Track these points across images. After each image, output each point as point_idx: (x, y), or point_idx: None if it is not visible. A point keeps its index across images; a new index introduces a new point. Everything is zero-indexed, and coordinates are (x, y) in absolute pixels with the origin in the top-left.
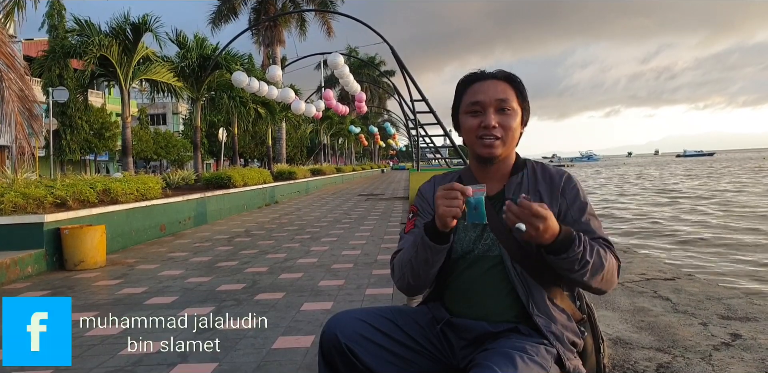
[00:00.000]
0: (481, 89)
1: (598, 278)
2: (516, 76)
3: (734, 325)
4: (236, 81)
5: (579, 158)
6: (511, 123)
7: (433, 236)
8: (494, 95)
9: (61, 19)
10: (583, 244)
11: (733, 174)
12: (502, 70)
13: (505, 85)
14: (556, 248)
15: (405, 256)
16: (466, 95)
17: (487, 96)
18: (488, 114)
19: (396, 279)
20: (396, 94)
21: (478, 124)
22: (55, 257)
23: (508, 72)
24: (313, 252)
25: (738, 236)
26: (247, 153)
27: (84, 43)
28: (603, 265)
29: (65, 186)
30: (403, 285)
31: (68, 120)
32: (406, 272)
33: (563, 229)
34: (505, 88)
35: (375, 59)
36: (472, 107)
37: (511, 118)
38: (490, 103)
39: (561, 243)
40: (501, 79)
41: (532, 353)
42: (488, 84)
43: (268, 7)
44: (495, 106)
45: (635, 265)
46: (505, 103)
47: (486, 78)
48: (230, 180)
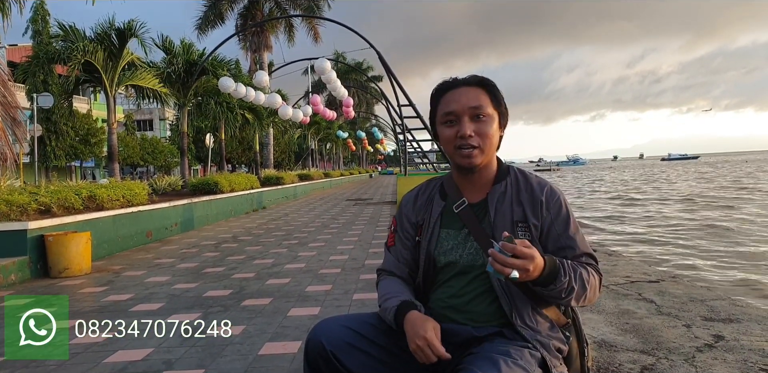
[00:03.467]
0: (453, 98)
1: (581, 299)
2: (489, 80)
3: (717, 326)
4: (223, 86)
5: (565, 162)
6: (487, 130)
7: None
8: (467, 103)
9: (46, 25)
10: (568, 273)
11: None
12: (474, 75)
13: (477, 90)
14: (542, 281)
15: (380, 299)
16: (440, 105)
17: (460, 105)
18: (463, 123)
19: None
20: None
21: (454, 134)
22: (39, 265)
23: (481, 77)
24: (300, 257)
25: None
26: (235, 158)
27: (68, 48)
28: (586, 288)
29: (49, 193)
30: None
31: (53, 126)
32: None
33: (547, 261)
34: (478, 95)
35: (362, 64)
36: (446, 117)
37: (487, 124)
38: (463, 112)
39: (547, 276)
40: (473, 85)
41: (516, 357)
42: (460, 92)
43: (255, 12)
44: (469, 114)
45: (620, 268)
46: (479, 110)
47: (458, 85)
48: (217, 186)
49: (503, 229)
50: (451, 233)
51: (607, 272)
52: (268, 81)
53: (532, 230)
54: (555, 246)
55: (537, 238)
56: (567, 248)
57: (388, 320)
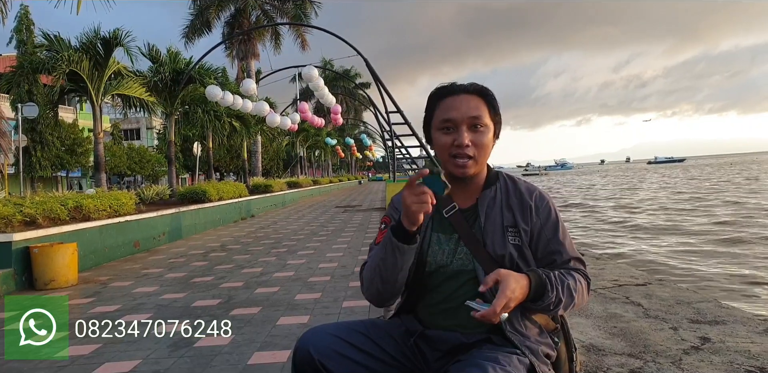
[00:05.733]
0: (453, 105)
1: (569, 308)
2: (488, 90)
3: (704, 329)
4: (210, 95)
5: (553, 167)
6: (484, 140)
7: (401, 236)
8: (467, 112)
9: (30, 34)
10: (555, 287)
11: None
12: (474, 83)
13: (477, 100)
14: (530, 299)
15: (373, 262)
16: (438, 110)
17: (460, 113)
18: (461, 132)
19: (365, 289)
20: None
21: (450, 142)
22: (24, 277)
23: (481, 85)
24: (289, 266)
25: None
26: (223, 167)
27: (53, 58)
28: (573, 297)
29: (35, 204)
30: (372, 293)
31: (38, 136)
32: (374, 278)
33: (532, 278)
34: (478, 104)
35: (350, 72)
36: (444, 124)
37: (483, 135)
38: (462, 121)
39: (534, 294)
40: (473, 94)
41: (504, 363)
42: (460, 99)
43: (242, 20)
44: (468, 124)
45: (607, 271)
46: (477, 121)
47: (458, 92)
48: (205, 194)
49: (493, 234)
50: (442, 237)
51: (595, 276)
52: (255, 89)
53: (522, 234)
54: (544, 251)
55: (527, 242)
56: (556, 252)
57: (395, 246)
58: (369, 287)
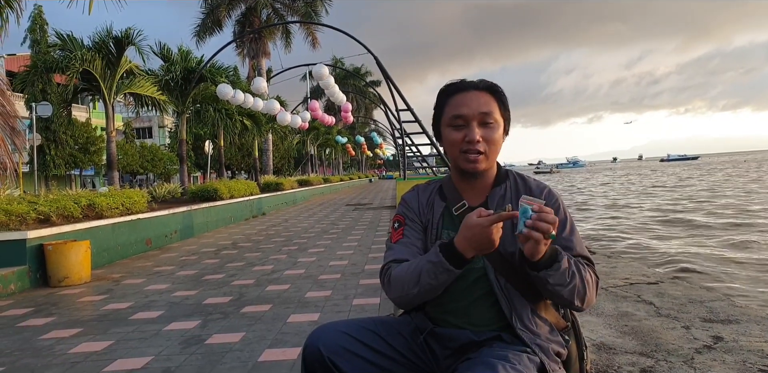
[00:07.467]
0: (464, 102)
1: (583, 297)
2: (498, 86)
3: (716, 328)
4: (221, 93)
5: (565, 164)
6: (494, 136)
7: (456, 262)
8: (477, 108)
9: (44, 34)
10: (569, 260)
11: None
12: (483, 80)
13: (487, 96)
14: (542, 262)
15: (411, 276)
16: (448, 106)
17: (471, 109)
18: (472, 128)
19: (394, 295)
20: (382, 103)
21: (461, 138)
22: (38, 274)
23: (490, 82)
24: (300, 263)
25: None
26: (234, 165)
27: (66, 57)
28: (586, 286)
29: (48, 202)
30: (403, 302)
31: (52, 135)
32: (410, 292)
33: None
34: (488, 100)
35: (361, 70)
36: (455, 121)
37: (494, 131)
38: (473, 117)
39: (548, 259)
40: (483, 90)
41: (514, 362)
42: (471, 96)
43: (253, 19)
44: (478, 120)
45: (619, 270)
46: (488, 117)
47: (468, 89)
48: (217, 192)
49: (503, 231)
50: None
51: (606, 274)
52: (266, 87)
53: None
54: None
55: None
56: (565, 249)
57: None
58: (401, 297)
